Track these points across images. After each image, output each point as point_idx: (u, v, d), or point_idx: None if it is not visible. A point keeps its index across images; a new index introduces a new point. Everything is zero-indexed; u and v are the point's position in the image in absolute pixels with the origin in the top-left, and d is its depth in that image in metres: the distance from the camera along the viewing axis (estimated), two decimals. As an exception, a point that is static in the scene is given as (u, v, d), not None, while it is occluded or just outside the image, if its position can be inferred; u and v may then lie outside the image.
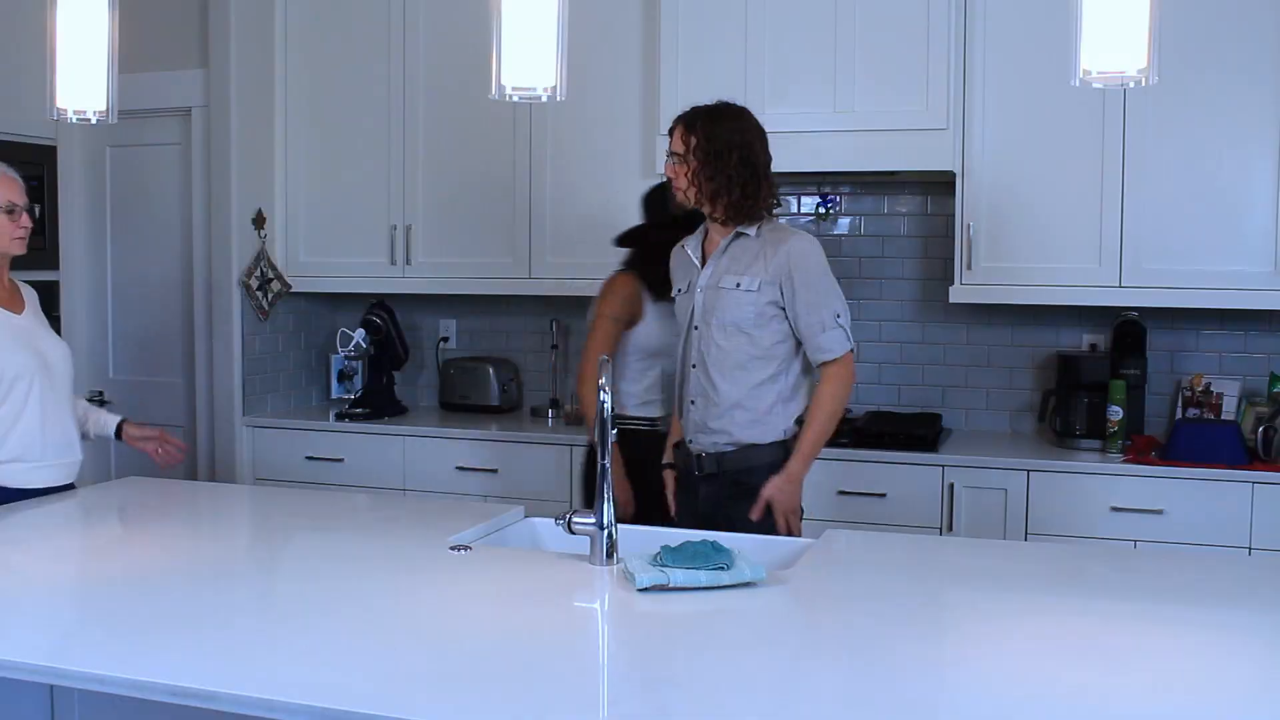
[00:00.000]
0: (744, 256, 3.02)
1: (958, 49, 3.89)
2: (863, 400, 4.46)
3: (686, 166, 3.00)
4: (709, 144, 2.98)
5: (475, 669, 1.84)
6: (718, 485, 3.04)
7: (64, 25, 2.73)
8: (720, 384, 3.02)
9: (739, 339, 3.00)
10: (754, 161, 3.00)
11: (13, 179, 3.04)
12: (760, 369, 3.00)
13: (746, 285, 2.98)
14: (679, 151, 3.02)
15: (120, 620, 2.08)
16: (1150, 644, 2.01)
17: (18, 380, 2.98)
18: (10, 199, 3.00)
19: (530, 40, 2.37)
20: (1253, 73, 3.69)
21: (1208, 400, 3.94)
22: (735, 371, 3.01)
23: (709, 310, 3.03)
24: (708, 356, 3.03)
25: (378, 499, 3.75)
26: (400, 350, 4.77)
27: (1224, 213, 3.75)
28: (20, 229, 3.02)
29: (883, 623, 2.09)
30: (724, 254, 3.04)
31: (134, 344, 4.87)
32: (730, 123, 3.01)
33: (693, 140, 3.00)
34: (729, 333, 3.00)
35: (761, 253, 2.99)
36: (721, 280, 3.02)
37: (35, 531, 2.79)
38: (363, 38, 4.64)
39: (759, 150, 3.02)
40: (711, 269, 3.05)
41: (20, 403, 2.98)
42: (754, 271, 2.98)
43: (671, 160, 3.04)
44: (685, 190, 3.02)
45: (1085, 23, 2.25)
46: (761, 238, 3.02)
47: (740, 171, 2.98)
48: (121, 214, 4.87)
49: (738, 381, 3.01)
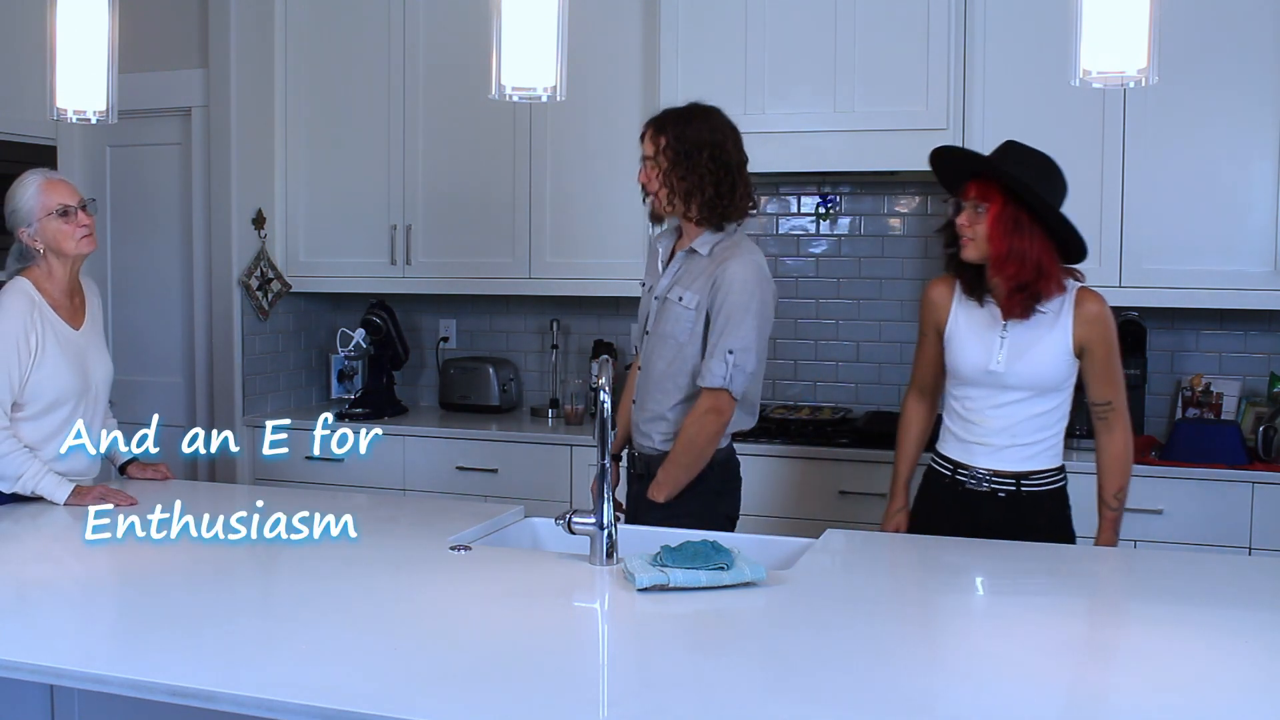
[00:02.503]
0: (690, 271, 2.99)
1: (958, 49, 3.89)
2: (863, 400, 4.46)
3: (658, 168, 2.98)
4: (679, 143, 2.95)
5: (475, 669, 1.84)
6: (644, 486, 3.07)
7: (64, 25, 2.73)
8: (653, 390, 3.04)
9: (671, 350, 2.99)
10: (727, 161, 2.96)
11: (59, 180, 3.03)
12: (687, 385, 2.99)
13: (686, 301, 2.97)
14: (649, 154, 3.00)
15: (120, 620, 2.09)
16: (1150, 644, 2.01)
17: (58, 404, 2.98)
18: (62, 201, 2.98)
19: (530, 40, 2.37)
20: (1253, 73, 3.69)
21: (1208, 400, 3.94)
22: (664, 382, 3.01)
23: (656, 318, 3.04)
24: (651, 363, 3.05)
25: (378, 499, 3.75)
26: (400, 350, 4.77)
27: (1224, 213, 3.75)
28: (80, 228, 3.00)
29: (883, 623, 2.09)
30: (680, 266, 3.02)
31: (134, 344, 4.87)
32: (701, 121, 2.98)
33: (663, 141, 2.97)
34: (665, 343, 3.00)
35: (706, 269, 2.96)
36: (670, 291, 3.01)
37: (35, 531, 2.79)
38: (363, 38, 4.64)
39: (731, 150, 2.98)
40: (668, 278, 3.04)
41: (55, 425, 2.98)
42: (696, 288, 2.96)
43: (643, 165, 3.02)
44: (658, 193, 2.99)
45: (1085, 23, 2.25)
46: (713, 256, 2.97)
47: (712, 169, 2.94)
48: (121, 214, 4.87)
49: (666, 392, 3.01)
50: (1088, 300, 2.76)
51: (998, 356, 2.77)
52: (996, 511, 2.81)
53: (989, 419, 2.81)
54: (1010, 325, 2.77)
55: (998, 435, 2.80)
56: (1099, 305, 2.76)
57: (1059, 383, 2.78)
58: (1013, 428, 2.79)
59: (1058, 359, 2.75)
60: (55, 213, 2.97)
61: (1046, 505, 2.82)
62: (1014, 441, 2.79)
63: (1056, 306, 2.75)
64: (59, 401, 2.98)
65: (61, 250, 3.00)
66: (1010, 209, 2.70)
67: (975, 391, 2.83)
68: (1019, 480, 2.80)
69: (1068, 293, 2.76)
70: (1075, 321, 2.74)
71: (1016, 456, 2.80)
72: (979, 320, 2.82)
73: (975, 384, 2.83)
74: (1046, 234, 2.72)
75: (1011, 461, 2.80)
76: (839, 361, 4.48)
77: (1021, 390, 2.77)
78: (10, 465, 2.90)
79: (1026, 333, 2.76)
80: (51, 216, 2.97)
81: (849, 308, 4.47)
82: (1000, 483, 2.81)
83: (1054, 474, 2.84)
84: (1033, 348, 2.75)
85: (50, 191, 2.98)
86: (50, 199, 2.98)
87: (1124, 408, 2.82)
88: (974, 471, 2.84)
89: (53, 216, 2.97)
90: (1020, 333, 2.76)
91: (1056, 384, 2.78)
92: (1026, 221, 2.70)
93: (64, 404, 2.99)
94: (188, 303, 4.76)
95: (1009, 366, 2.76)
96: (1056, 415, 2.81)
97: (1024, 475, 2.80)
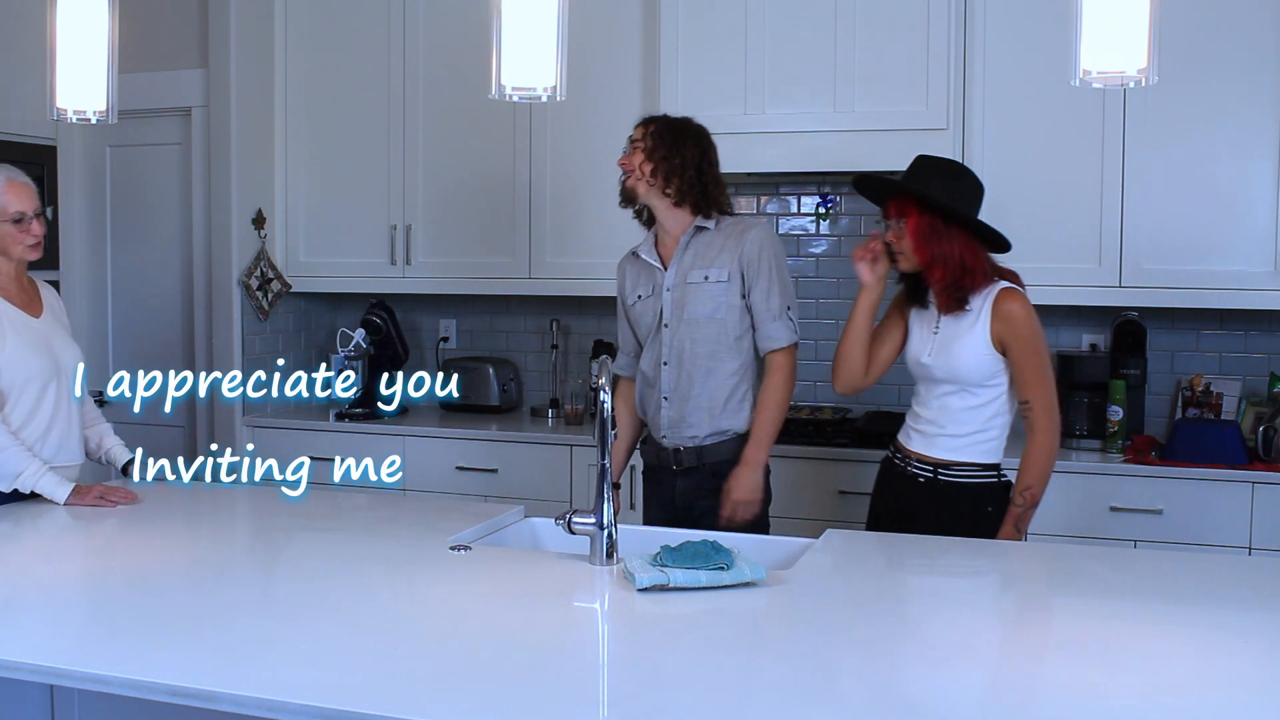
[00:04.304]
0: (708, 250, 3.09)
1: (958, 49, 3.89)
2: (863, 400, 4.46)
3: (644, 145, 3.09)
4: (668, 130, 3.10)
5: (475, 669, 1.84)
6: (697, 478, 3.11)
7: (64, 25, 2.73)
8: (696, 377, 3.08)
9: (711, 330, 3.08)
10: (710, 158, 3.13)
11: (23, 185, 3.02)
12: (731, 359, 3.09)
13: (716, 276, 3.06)
14: (636, 136, 3.13)
15: (120, 620, 2.08)
16: (1150, 644, 2.01)
17: (29, 385, 2.98)
18: (20, 208, 2.98)
19: (530, 40, 2.37)
20: (1252, 73, 3.69)
21: (1208, 400, 3.94)
22: (709, 363, 3.08)
23: (679, 306, 3.10)
24: (682, 352, 3.09)
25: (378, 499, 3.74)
26: (400, 350, 4.77)
27: (1224, 213, 3.75)
28: (32, 237, 3.01)
29: (882, 623, 2.09)
30: (686, 250, 3.11)
31: (134, 344, 4.87)
32: (690, 124, 3.16)
33: (652, 126, 3.12)
34: (701, 325, 3.08)
35: (725, 244, 3.08)
36: (689, 276, 3.09)
37: (35, 531, 2.79)
38: (363, 38, 4.64)
39: (713, 156, 3.16)
40: (675, 267, 3.11)
41: (29, 409, 2.98)
42: (721, 262, 3.06)
43: (626, 149, 3.13)
44: (639, 167, 3.09)
45: (1085, 23, 2.25)
46: (723, 230, 3.11)
47: (695, 158, 3.08)
48: (121, 214, 4.87)
49: (712, 373, 3.08)
50: (1005, 299, 2.87)
51: (929, 350, 2.93)
52: (915, 495, 2.94)
53: (926, 409, 2.97)
54: (943, 321, 2.93)
55: (929, 425, 2.95)
56: (1014, 303, 2.86)
57: (983, 378, 2.88)
58: (941, 418, 2.93)
59: (977, 354, 2.87)
60: (10, 219, 2.98)
61: (960, 499, 2.90)
62: (943, 431, 2.93)
63: (979, 304, 2.88)
64: (29, 381, 2.98)
65: (8, 254, 3.02)
66: (925, 219, 2.89)
67: (918, 385, 3.03)
68: (937, 469, 2.92)
69: (991, 290, 2.88)
70: (993, 319, 2.86)
71: (945, 446, 2.93)
72: (923, 318, 3.01)
73: (916, 376, 3.02)
74: (968, 232, 2.89)
75: (940, 450, 2.93)
76: (839, 361, 4.47)
77: (949, 383, 2.91)
78: (9, 462, 2.90)
79: (953, 329, 2.91)
80: (6, 221, 2.97)
81: (849, 308, 4.44)
82: (921, 468, 2.94)
83: (980, 469, 2.91)
84: (955, 342, 2.90)
85: (10, 194, 2.99)
86: (9, 202, 2.98)
87: (1046, 408, 2.86)
88: (906, 455, 3.00)
89: (7, 221, 2.97)
90: (949, 328, 2.92)
91: (980, 379, 2.88)
92: (942, 226, 2.88)
93: (33, 383, 2.99)
94: (188, 303, 4.76)
95: (935, 359, 2.92)
96: (990, 410, 2.90)
97: (945, 465, 2.91)
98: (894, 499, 3.02)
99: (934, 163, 3.00)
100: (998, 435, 2.92)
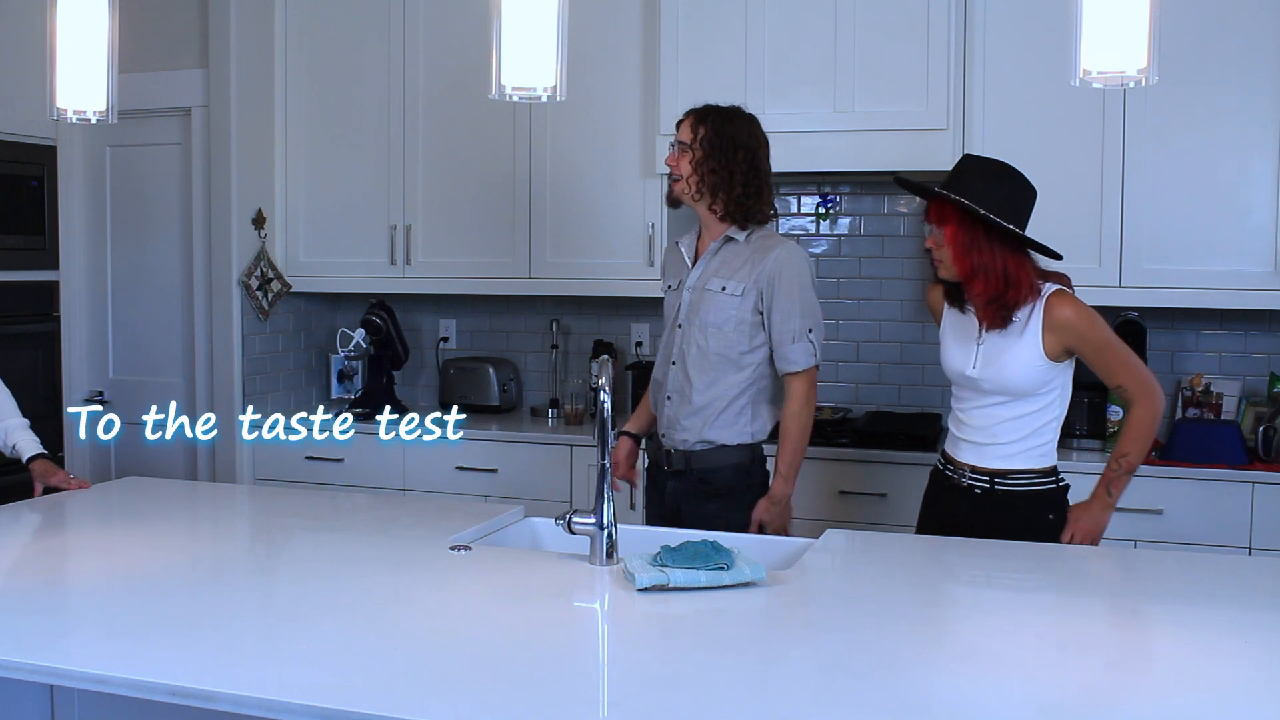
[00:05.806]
0: (733, 261, 3.06)
1: (958, 49, 3.89)
2: (863, 400, 4.46)
3: (691, 155, 3.03)
4: (718, 137, 3.02)
5: (475, 669, 1.84)
6: (684, 483, 3.10)
7: (64, 25, 2.73)
8: (696, 382, 3.06)
9: (718, 340, 3.05)
10: (758, 166, 3.06)
11: None
12: (734, 373, 3.05)
13: (731, 290, 3.03)
14: (685, 140, 3.05)
15: (120, 620, 2.08)
16: (1150, 644, 2.01)
17: None
18: None
19: (530, 40, 2.37)
20: (1252, 73, 3.69)
21: (1208, 400, 3.94)
22: (711, 371, 3.06)
23: (693, 309, 3.08)
24: (687, 354, 3.08)
25: (378, 499, 3.75)
26: (400, 350, 4.77)
27: (1224, 213, 3.75)
28: None
29: (883, 623, 2.09)
30: (714, 256, 3.09)
31: (134, 344, 4.87)
32: (742, 124, 3.06)
33: (702, 131, 3.03)
34: (709, 333, 3.05)
35: (750, 259, 3.04)
36: (708, 282, 3.07)
37: (35, 531, 2.79)
38: (363, 38, 4.64)
39: (763, 158, 3.08)
40: (700, 270, 3.10)
41: None
42: (740, 277, 3.03)
43: (675, 149, 3.06)
44: (686, 179, 3.05)
45: (1085, 23, 2.25)
46: (751, 244, 3.06)
47: (744, 170, 3.02)
48: (121, 214, 4.86)
49: (713, 381, 3.06)
50: (1055, 307, 2.74)
51: (974, 363, 2.81)
52: (973, 507, 2.83)
53: (973, 418, 2.84)
54: (986, 333, 2.79)
55: (979, 433, 2.84)
56: (1067, 309, 2.74)
57: (1034, 388, 2.77)
58: (992, 428, 2.81)
59: (1028, 366, 2.75)
60: None
61: (1020, 506, 2.81)
62: (994, 440, 2.82)
63: (1026, 314, 2.75)
64: None
65: None
66: (965, 227, 2.72)
67: (960, 392, 2.89)
68: (994, 478, 2.82)
69: (1040, 299, 2.75)
70: (1045, 328, 2.74)
71: (997, 455, 2.82)
72: (962, 325, 2.87)
73: (958, 385, 2.88)
74: (1012, 241, 2.73)
75: (992, 459, 2.82)
76: (839, 362, 4.48)
77: (997, 395, 2.79)
78: None
79: (999, 340, 2.78)
80: None
81: (849, 308, 4.47)
82: (976, 479, 2.84)
83: (1036, 476, 2.82)
84: (1003, 355, 2.77)
85: None
86: None
87: (1141, 384, 2.75)
88: (958, 467, 2.88)
89: None
90: (995, 340, 2.78)
91: (1031, 389, 2.77)
92: (983, 236, 2.72)
93: None
94: (188, 303, 4.76)
95: (982, 372, 2.79)
96: (1042, 418, 2.81)
97: (1001, 474, 2.82)
98: (948, 511, 2.89)
99: (981, 164, 2.82)
100: (1051, 437, 2.82)
